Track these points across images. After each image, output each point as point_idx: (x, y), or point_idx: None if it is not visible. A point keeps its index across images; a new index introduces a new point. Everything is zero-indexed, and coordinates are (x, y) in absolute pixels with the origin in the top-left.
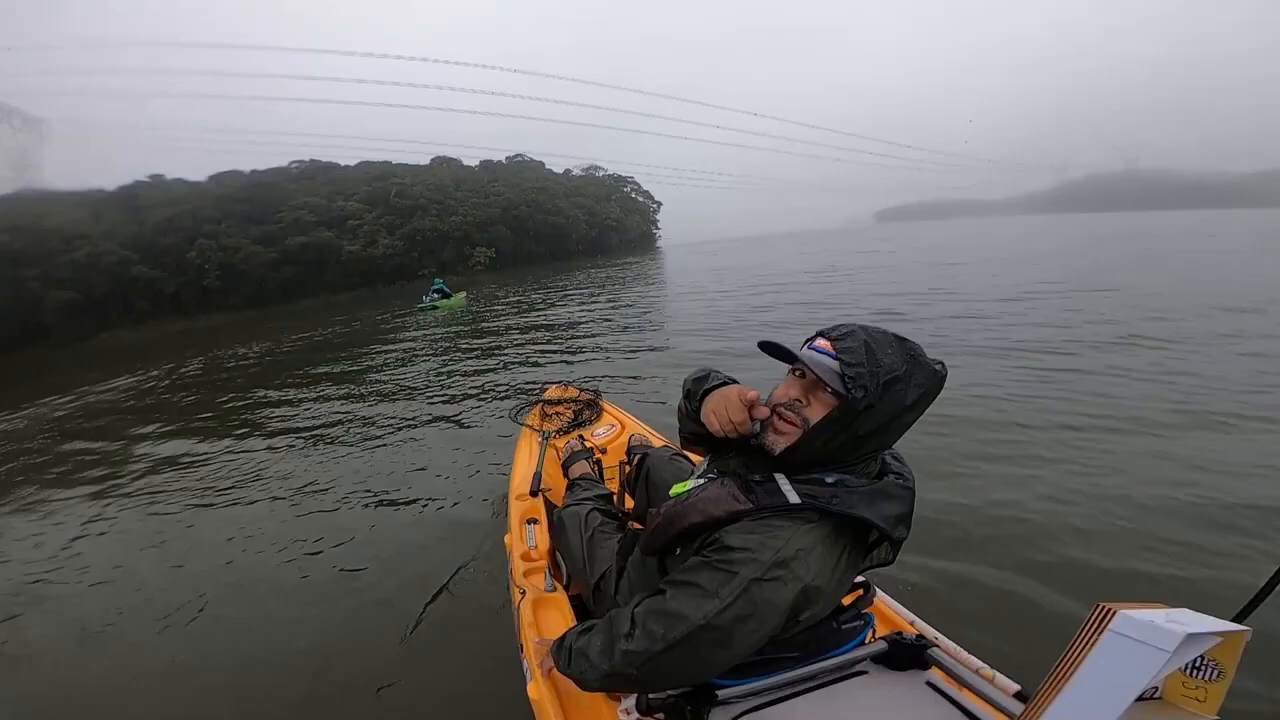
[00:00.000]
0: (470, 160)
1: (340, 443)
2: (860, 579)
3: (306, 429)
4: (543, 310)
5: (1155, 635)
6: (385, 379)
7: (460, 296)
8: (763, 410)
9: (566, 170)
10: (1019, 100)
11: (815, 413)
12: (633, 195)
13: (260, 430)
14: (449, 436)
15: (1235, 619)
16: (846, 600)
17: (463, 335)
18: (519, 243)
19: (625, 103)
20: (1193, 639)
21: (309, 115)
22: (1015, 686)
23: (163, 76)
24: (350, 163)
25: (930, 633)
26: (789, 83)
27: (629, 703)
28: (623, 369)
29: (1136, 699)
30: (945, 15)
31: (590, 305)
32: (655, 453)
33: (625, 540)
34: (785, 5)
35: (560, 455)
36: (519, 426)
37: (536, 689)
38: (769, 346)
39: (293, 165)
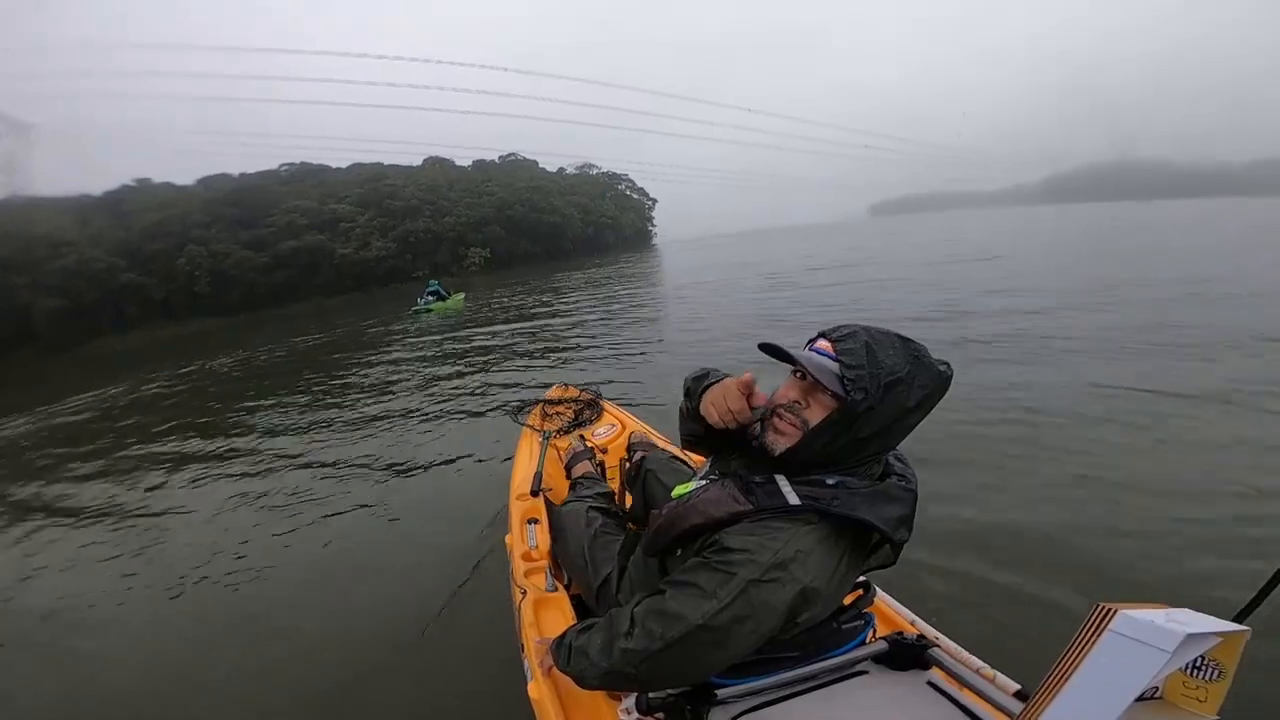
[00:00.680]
0: (463, 160)
1: (337, 445)
2: (861, 579)
3: (301, 432)
4: (540, 311)
5: (1155, 635)
6: (380, 383)
7: (458, 298)
8: (761, 396)
9: (560, 169)
10: (1012, 93)
11: (815, 415)
12: (627, 192)
13: (256, 433)
14: (448, 437)
15: (1235, 619)
16: (847, 600)
17: (459, 338)
18: (514, 242)
19: (619, 101)
20: (1193, 639)
21: (299, 117)
22: (1016, 686)
23: (150, 79)
24: (342, 165)
25: (931, 633)
26: (784, 82)
27: (629, 702)
28: (623, 369)
29: (1137, 699)
30: (941, 14)
31: (588, 305)
32: (655, 455)
33: (627, 540)
34: (781, 4)
35: (562, 456)
36: (519, 426)
37: (537, 688)
38: (769, 348)
39: (282, 168)
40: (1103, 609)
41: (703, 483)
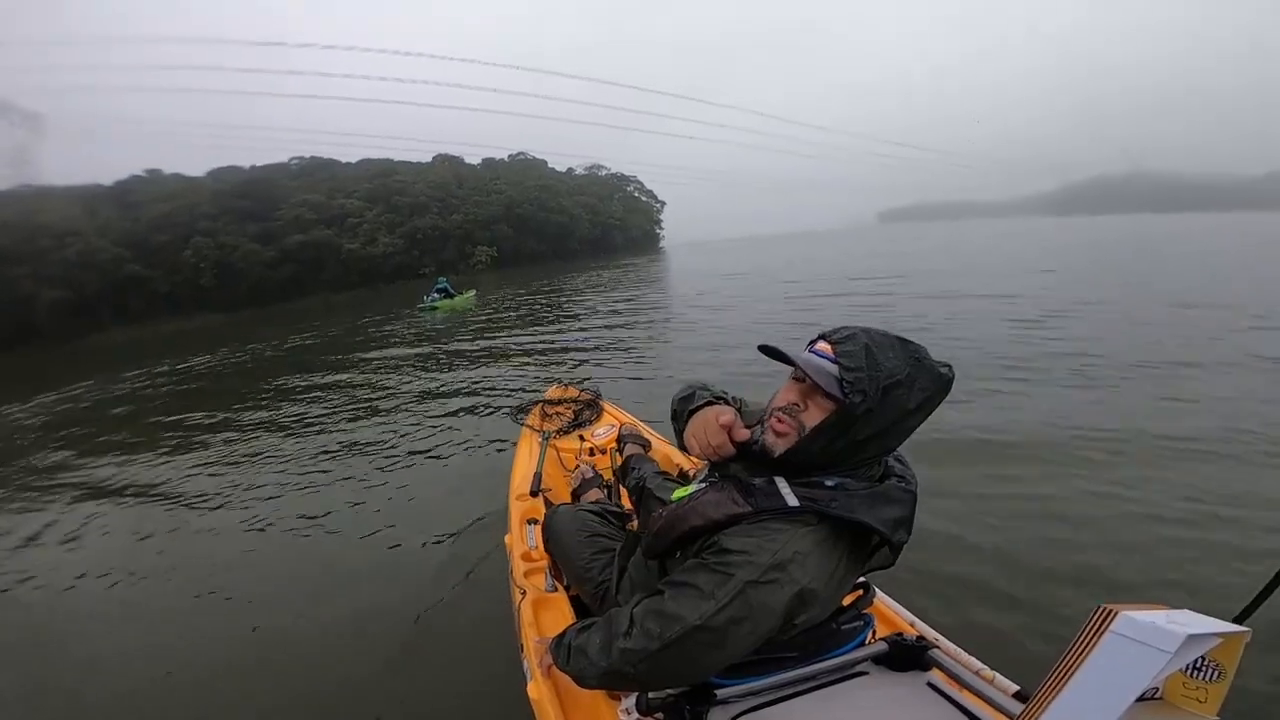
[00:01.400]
0: (472, 158)
1: (335, 445)
2: (860, 580)
3: (300, 431)
4: (546, 311)
5: (1156, 636)
6: (381, 381)
7: (468, 295)
8: (742, 433)
9: (569, 169)
10: (1024, 102)
11: (812, 417)
12: (636, 194)
13: (254, 431)
14: (448, 437)
15: (1236, 620)
16: (846, 601)
17: (463, 336)
18: (521, 241)
19: (629, 102)
20: (1194, 640)
21: (311, 112)
22: (1015, 687)
23: (164, 72)
24: (351, 160)
25: (931, 634)
26: (796, 84)
27: (629, 702)
28: (625, 370)
29: (1137, 699)
30: (955, 16)
31: (594, 307)
32: (647, 468)
33: (627, 541)
34: (793, 4)
35: (564, 462)
36: (519, 426)
37: (537, 689)
38: (769, 350)
39: (292, 162)
40: (1104, 610)
41: (702, 485)
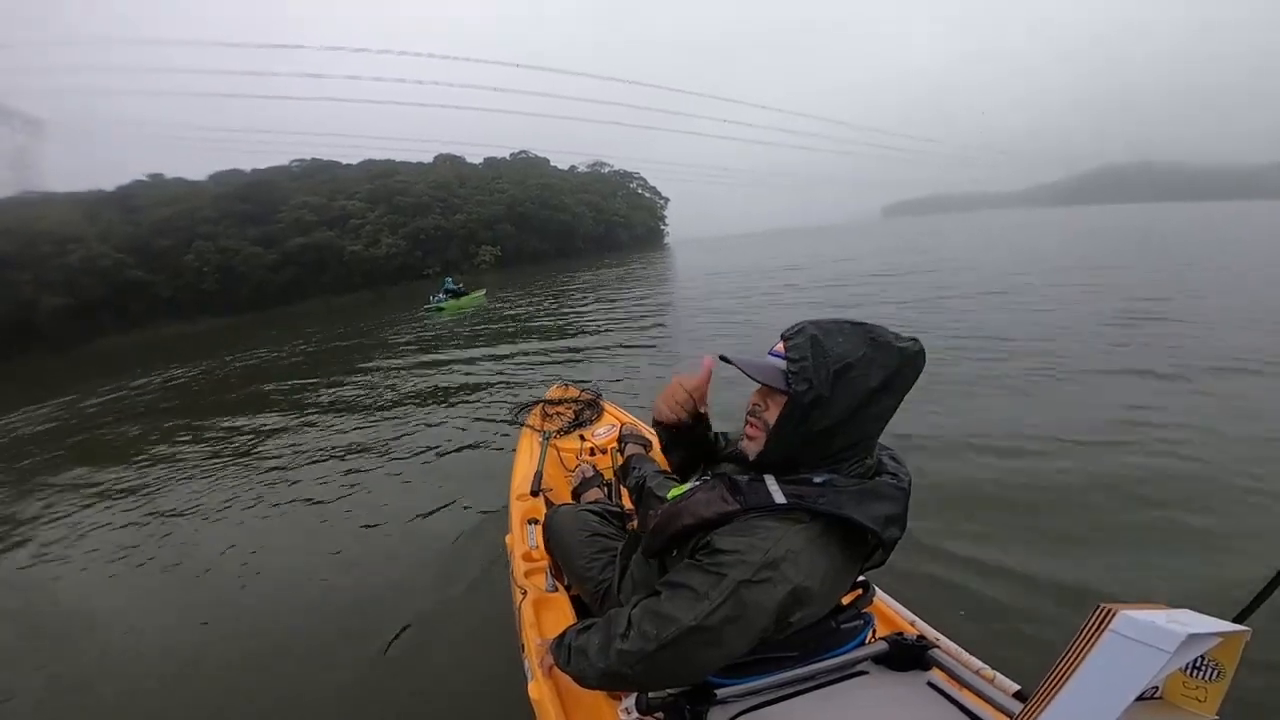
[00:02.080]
0: (474, 158)
1: (335, 446)
2: (860, 578)
3: (299, 432)
4: (550, 310)
5: (1156, 636)
6: (383, 381)
7: (479, 294)
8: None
9: (572, 167)
10: (1029, 93)
11: (772, 414)
12: (639, 191)
13: (255, 434)
14: (448, 437)
15: (1236, 619)
16: (845, 600)
17: (467, 337)
18: (524, 240)
19: (631, 98)
20: (1193, 639)
21: (313, 114)
22: (1015, 686)
23: (165, 75)
24: (353, 161)
25: (931, 633)
26: (796, 82)
27: (629, 702)
28: (630, 371)
29: (1136, 698)
30: (961, 12)
31: (598, 305)
32: (648, 468)
33: (629, 541)
34: (794, 3)
35: (564, 462)
36: (519, 426)
37: (537, 689)
38: (726, 359)
39: (293, 164)
40: (1103, 609)
41: (696, 484)
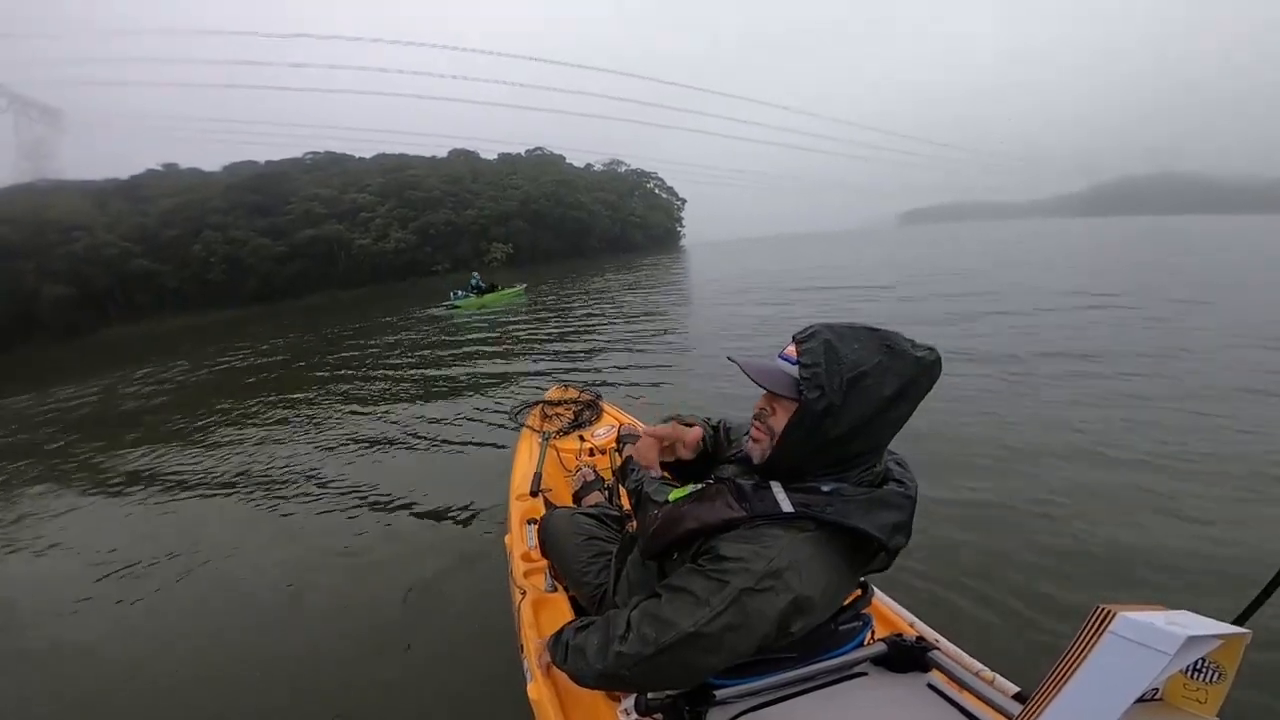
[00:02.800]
0: (489, 154)
1: (338, 445)
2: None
3: (299, 430)
4: (562, 313)
5: (1155, 637)
6: (385, 380)
7: (510, 291)
8: (683, 451)
9: (588, 165)
10: (1051, 103)
11: (779, 421)
12: (656, 191)
13: (255, 431)
14: (448, 438)
15: (1236, 621)
16: (844, 601)
17: (472, 337)
18: (538, 238)
19: (650, 95)
20: (1193, 641)
21: (330, 107)
22: (1015, 688)
23: (184, 66)
24: (367, 155)
25: (930, 635)
26: (820, 84)
27: (628, 703)
28: (641, 375)
29: (1136, 700)
30: (989, 17)
31: (614, 315)
32: (646, 470)
33: (624, 542)
34: (814, 5)
35: (564, 463)
36: (519, 427)
37: (537, 689)
38: (734, 361)
39: (307, 156)
40: (1103, 611)
41: (698, 487)
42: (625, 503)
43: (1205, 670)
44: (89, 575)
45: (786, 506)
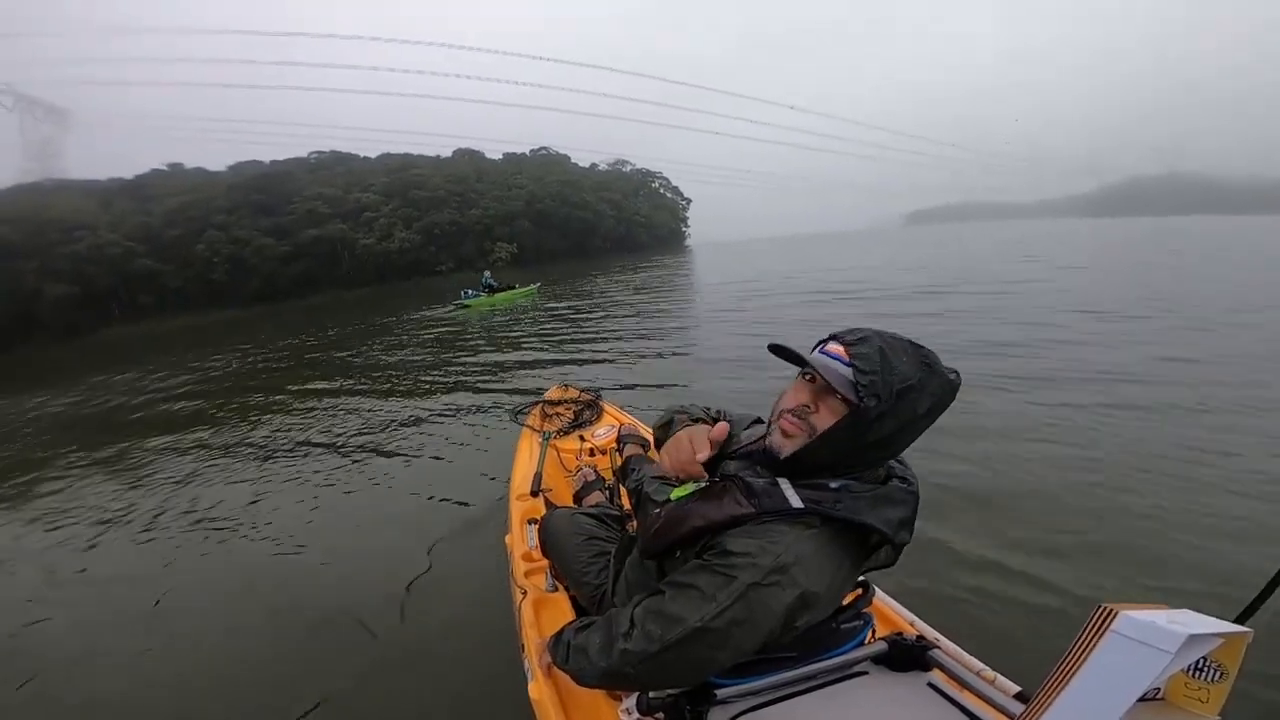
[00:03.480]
0: (494, 154)
1: (338, 444)
2: (859, 578)
3: (299, 432)
4: (566, 313)
5: (1157, 636)
6: (385, 379)
7: (523, 290)
8: (706, 451)
9: (593, 164)
10: (1056, 102)
11: (823, 420)
12: (661, 191)
13: (251, 434)
14: (449, 438)
15: (1237, 620)
16: (845, 599)
17: (476, 338)
18: (543, 238)
19: (654, 94)
20: (1195, 640)
21: (335, 107)
22: (1016, 688)
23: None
24: (371, 154)
25: (931, 634)
26: (824, 84)
27: (629, 702)
28: (641, 375)
29: (1138, 699)
30: (990, 17)
31: (618, 314)
32: (647, 469)
33: (623, 542)
34: (817, 5)
35: (564, 463)
36: (519, 427)
37: (537, 689)
38: (779, 349)
39: (311, 155)
40: (1104, 610)
41: (702, 485)
42: (626, 503)
43: (1207, 669)
44: (89, 574)
45: (795, 502)
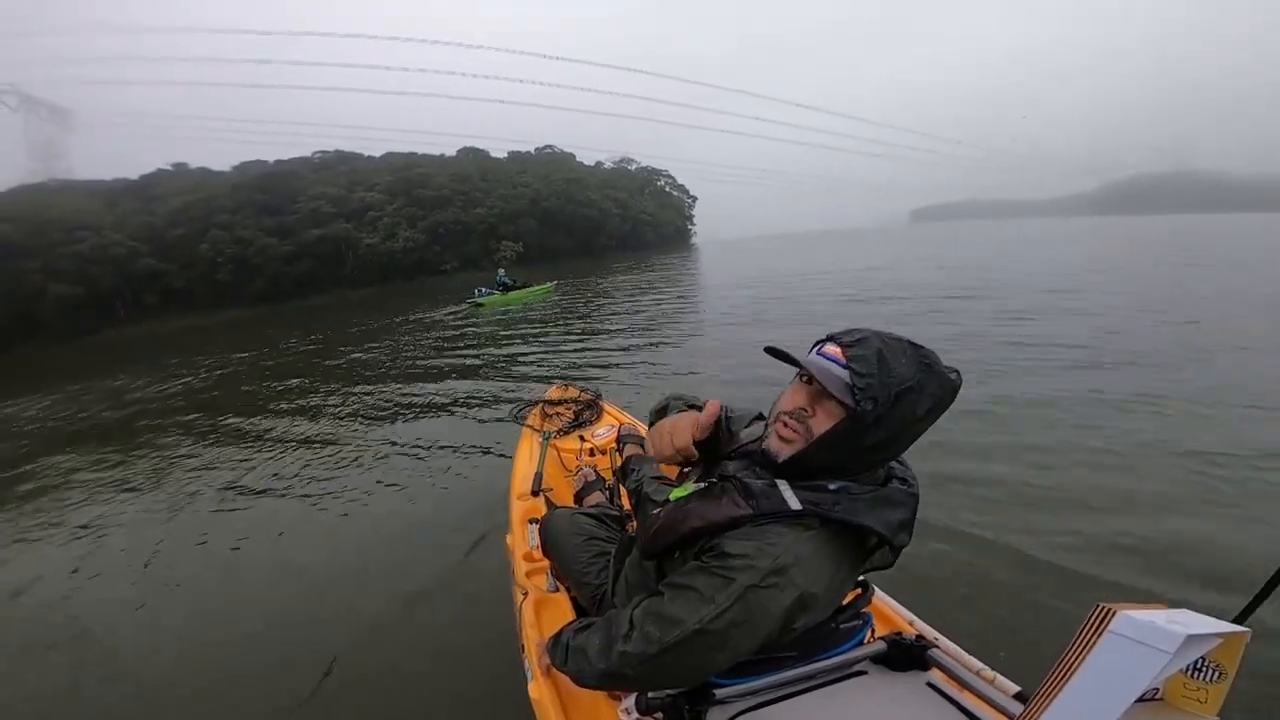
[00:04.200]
0: (498, 152)
1: (337, 444)
2: (858, 578)
3: (298, 430)
4: (570, 313)
5: (1156, 636)
6: (386, 379)
7: (539, 289)
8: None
9: (598, 163)
10: (1063, 100)
11: (821, 423)
12: (667, 189)
13: (250, 429)
14: (448, 438)
15: (1236, 620)
16: (845, 599)
17: (479, 338)
18: (548, 236)
19: (659, 92)
20: (1193, 640)
21: (338, 105)
22: (1015, 687)
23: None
24: (376, 154)
25: (930, 633)
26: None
27: (629, 702)
28: (643, 375)
29: (1137, 700)
30: (1000, 17)
31: (622, 314)
32: (646, 469)
33: (622, 543)
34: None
35: (565, 463)
36: (519, 426)
37: (538, 689)
38: (775, 352)
39: (315, 155)
40: (1102, 609)
41: (701, 486)
42: (626, 503)
43: (1205, 669)
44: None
45: (794, 504)
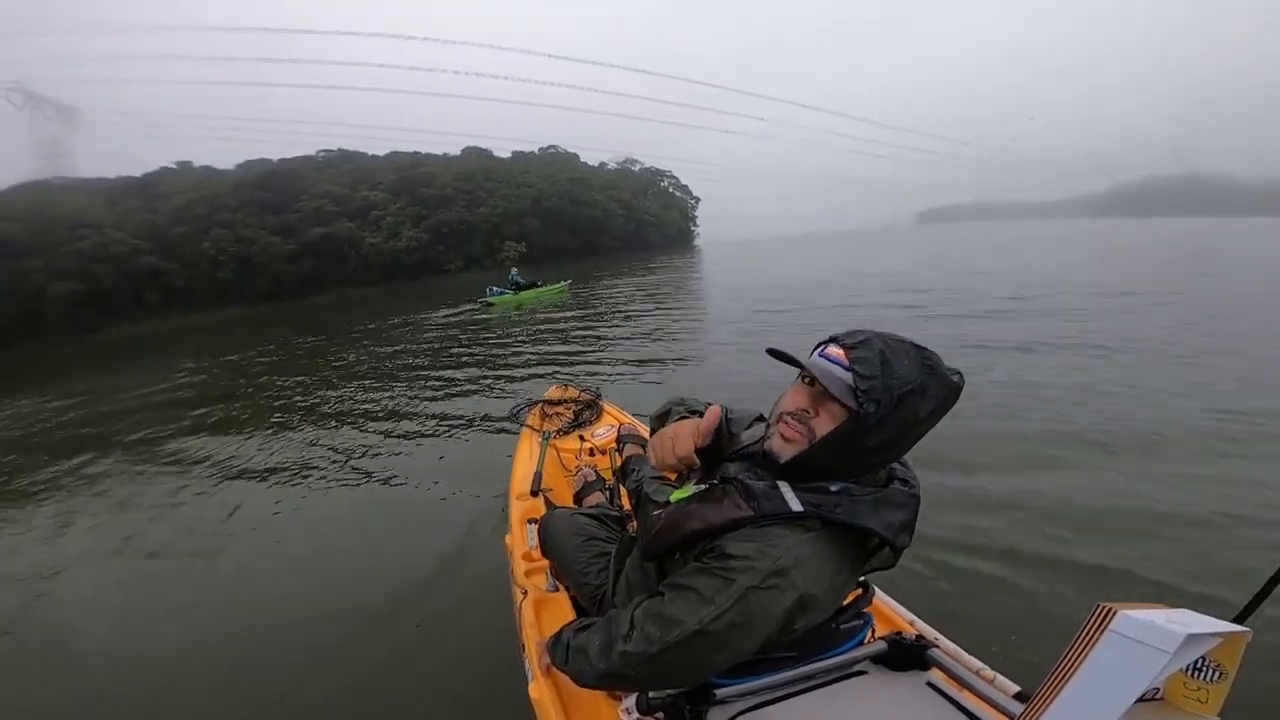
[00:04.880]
0: (502, 152)
1: (337, 445)
2: (859, 578)
3: (300, 429)
4: (575, 312)
5: (1156, 636)
6: (386, 381)
7: (553, 288)
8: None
9: (601, 163)
10: (1063, 100)
11: (823, 425)
12: (670, 190)
13: (255, 429)
14: (449, 437)
15: (1236, 620)
16: (845, 599)
17: (482, 338)
18: (551, 236)
19: (663, 93)
20: (1193, 640)
21: (342, 104)
22: (1016, 687)
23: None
24: (380, 152)
25: (930, 633)
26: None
27: (629, 702)
28: (643, 375)
29: (1137, 700)
30: (1000, 17)
31: (623, 313)
32: (646, 469)
33: (622, 543)
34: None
35: (564, 463)
36: (519, 426)
37: (538, 689)
38: (777, 353)
39: (319, 153)
40: (1103, 609)
41: (703, 487)
42: (626, 503)
43: (1206, 669)
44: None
45: (795, 506)
